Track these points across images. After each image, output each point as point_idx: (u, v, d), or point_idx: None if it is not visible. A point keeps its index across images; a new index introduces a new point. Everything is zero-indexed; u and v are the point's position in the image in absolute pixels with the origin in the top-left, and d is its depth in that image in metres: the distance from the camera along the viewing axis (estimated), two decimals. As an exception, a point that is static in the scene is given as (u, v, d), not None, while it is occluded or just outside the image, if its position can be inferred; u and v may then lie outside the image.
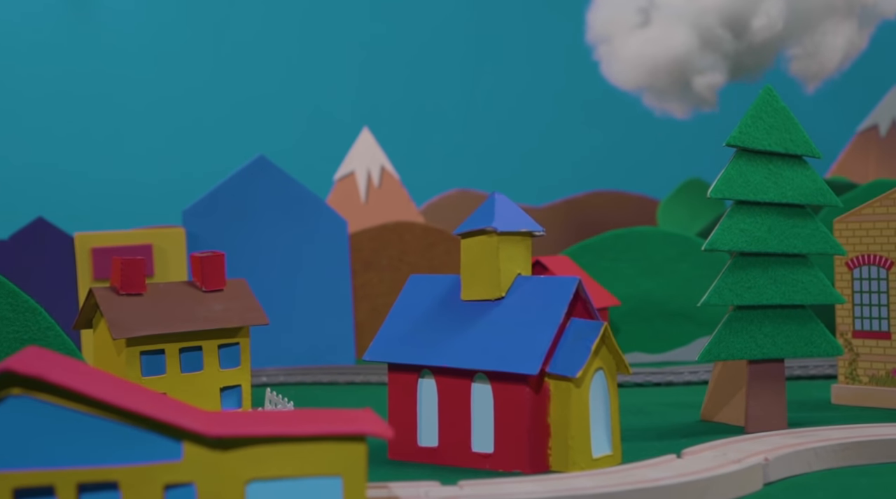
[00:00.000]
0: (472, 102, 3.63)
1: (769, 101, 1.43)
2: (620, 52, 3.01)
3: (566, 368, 1.16)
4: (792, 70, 3.04)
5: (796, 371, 1.92)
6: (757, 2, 2.90)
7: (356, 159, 3.06)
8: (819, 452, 1.14)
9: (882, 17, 3.10)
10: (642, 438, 1.37)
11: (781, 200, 1.40)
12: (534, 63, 3.66)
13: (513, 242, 1.25)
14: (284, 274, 2.28)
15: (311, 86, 3.52)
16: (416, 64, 3.63)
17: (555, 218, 3.42)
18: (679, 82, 3.00)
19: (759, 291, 1.39)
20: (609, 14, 3.04)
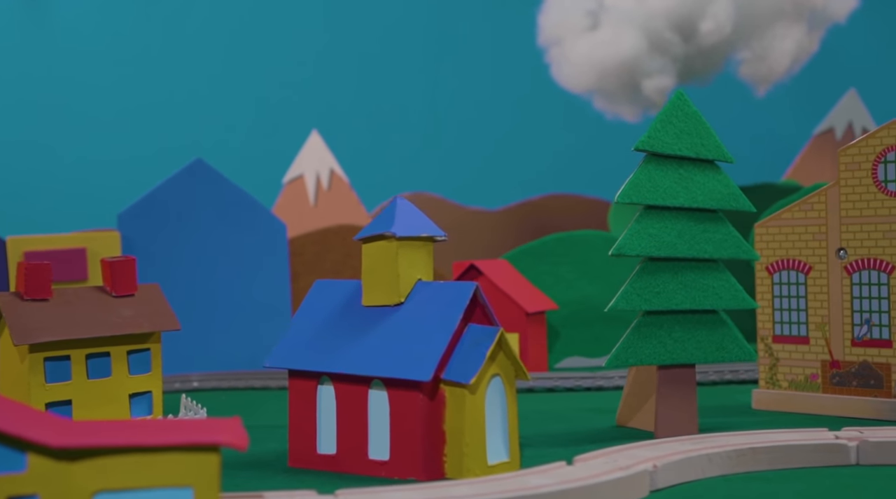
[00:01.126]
0: (425, 106, 3.62)
1: (680, 106, 1.42)
2: (570, 55, 3.01)
3: (461, 375, 1.15)
4: (741, 73, 3.05)
5: (727, 376, 1.92)
6: (705, 6, 2.90)
7: (305, 162, 3.05)
8: (713, 458, 1.14)
9: (832, 21, 3.10)
10: (553, 444, 1.36)
11: (692, 204, 1.40)
12: (488, 65, 3.65)
13: (413, 248, 1.24)
14: (222, 278, 2.27)
15: (260, 87, 3.49)
16: (368, 67, 3.61)
17: (510, 221, 3.42)
18: (628, 86, 2.99)
19: (668, 297, 1.38)
20: (559, 17, 3.04)
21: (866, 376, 1.52)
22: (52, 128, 3.42)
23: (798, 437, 1.20)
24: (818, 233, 1.57)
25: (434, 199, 3.41)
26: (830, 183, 1.56)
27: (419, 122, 3.62)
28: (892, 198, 1.48)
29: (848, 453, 1.18)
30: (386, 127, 3.58)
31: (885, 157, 1.49)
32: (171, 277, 2.22)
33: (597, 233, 2.43)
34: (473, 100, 3.64)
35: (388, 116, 3.58)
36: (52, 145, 3.41)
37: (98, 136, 3.38)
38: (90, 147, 3.37)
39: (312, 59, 3.56)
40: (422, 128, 3.62)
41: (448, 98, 3.64)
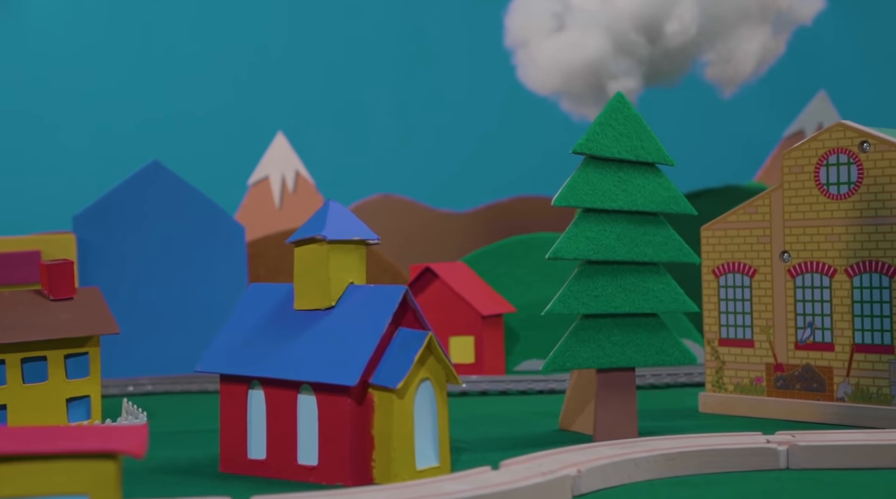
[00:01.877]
0: (393, 107, 3.62)
1: (620, 109, 1.42)
2: (536, 57, 3.01)
3: (388, 379, 1.15)
4: (707, 75, 3.05)
5: (681, 378, 1.92)
6: (670, 7, 2.90)
7: (270, 164, 3.04)
8: (640, 462, 1.13)
9: (798, 23, 3.11)
10: (493, 448, 1.35)
11: (631, 207, 1.39)
12: (456, 67, 3.65)
13: (345, 251, 1.23)
14: (179, 281, 2.26)
15: (225, 88, 3.48)
16: (334, 68, 3.60)
17: (479, 223, 3.41)
18: (595, 87, 2.99)
19: (607, 300, 1.38)
20: (525, 19, 3.03)
21: (809, 380, 1.51)
22: (7, 129, 3.39)
23: (729, 441, 1.20)
24: (762, 236, 1.56)
25: (403, 201, 3.40)
26: (774, 186, 1.56)
27: (387, 124, 3.61)
28: (834, 201, 1.48)
29: (777, 457, 1.18)
30: (353, 129, 3.57)
31: (827, 160, 1.49)
32: (127, 279, 2.21)
33: (557, 235, 2.42)
34: (442, 102, 3.63)
35: (354, 118, 3.58)
36: (7, 147, 3.38)
37: (54, 137, 3.36)
38: (46, 149, 3.35)
39: (278, 61, 3.55)
40: (390, 130, 3.61)
41: (416, 100, 3.63)
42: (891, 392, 1.43)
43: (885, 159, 1.43)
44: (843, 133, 1.48)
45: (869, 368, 1.45)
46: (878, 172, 1.44)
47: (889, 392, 1.43)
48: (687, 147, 3.67)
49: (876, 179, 1.44)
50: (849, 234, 1.47)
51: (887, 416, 1.42)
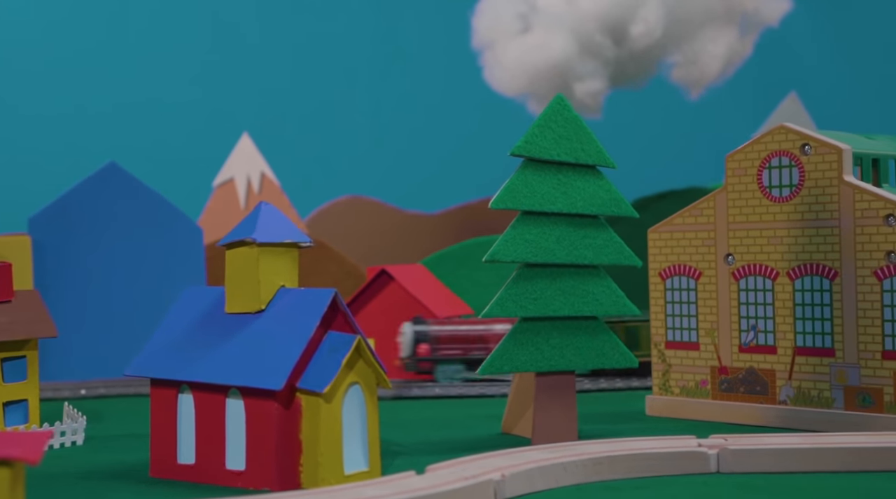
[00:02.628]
0: (360, 109, 3.61)
1: (559, 111, 1.41)
2: (502, 59, 3.00)
3: (315, 383, 1.14)
4: (674, 77, 3.05)
5: (634, 382, 1.92)
6: (635, 9, 2.90)
7: (235, 165, 3.02)
8: (568, 467, 1.13)
9: (765, 25, 3.11)
10: (430, 452, 1.34)
11: (571, 210, 1.39)
12: (424, 68, 3.64)
13: (275, 254, 1.22)
14: (136, 283, 2.24)
15: (190, 88, 3.46)
16: (300, 69, 3.59)
17: (449, 225, 3.41)
18: (561, 89, 2.99)
19: (545, 303, 1.37)
20: (491, 20, 3.03)
21: (752, 383, 1.51)
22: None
23: (659, 445, 1.19)
24: (707, 239, 1.56)
25: (372, 202, 3.39)
26: (718, 189, 1.55)
27: (355, 125, 3.60)
28: (777, 204, 1.48)
29: (708, 461, 1.17)
30: (321, 130, 3.56)
31: (770, 162, 1.49)
32: (83, 281, 2.19)
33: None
34: (411, 103, 3.63)
35: (322, 120, 3.57)
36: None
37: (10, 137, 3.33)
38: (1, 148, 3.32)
39: (245, 61, 3.53)
40: (358, 131, 3.60)
41: (384, 101, 3.62)
42: (831, 395, 1.43)
43: (825, 162, 1.43)
44: (785, 136, 1.47)
45: (810, 371, 1.45)
46: (819, 175, 1.44)
47: (830, 395, 1.43)
48: (655, 149, 3.67)
49: (817, 181, 1.44)
50: (790, 236, 1.47)
51: (828, 419, 1.42)
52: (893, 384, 1.37)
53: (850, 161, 1.42)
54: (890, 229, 1.37)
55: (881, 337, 1.38)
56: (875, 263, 1.38)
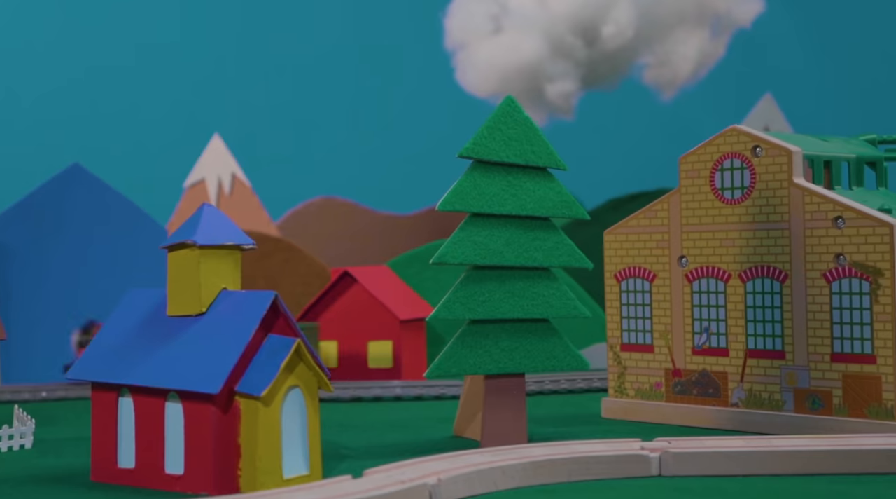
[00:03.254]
0: (334, 110, 3.60)
1: (509, 113, 1.40)
2: (474, 60, 3.00)
3: (253, 387, 1.13)
4: (646, 78, 3.05)
5: (595, 383, 1.91)
6: (606, 10, 2.90)
7: (206, 166, 3.01)
8: (508, 470, 1.12)
9: (737, 26, 3.11)
10: (378, 455, 1.33)
11: (521, 212, 1.38)
12: (399, 69, 3.63)
13: (217, 256, 1.21)
14: (101, 284, 2.23)
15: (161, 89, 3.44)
16: (273, 70, 3.58)
17: (422, 226, 3.40)
18: (532, 90, 2.99)
19: (494, 305, 1.37)
20: (463, 21, 3.03)
21: (705, 385, 1.51)
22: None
23: (601, 448, 1.19)
24: (661, 240, 1.56)
25: (345, 203, 3.39)
26: (673, 191, 1.55)
27: (328, 126, 3.59)
28: (729, 206, 1.48)
29: (649, 464, 1.17)
30: (294, 132, 3.55)
31: (722, 164, 1.49)
32: (47, 283, 2.18)
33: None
34: (384, 104, 3.62)
35: (295, 121, 3.56)
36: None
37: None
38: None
39: (216, 62, 3.52)
40: (331, 133, 3.59)
41: (357, 102, 3.61)
42: (782, 398, 1.42)
43: (775, 164, 1.43)
44: (737, 137, 1.47)
45: (762, 373, 1.45)
46: (770, 177, 1.43)
47: (780, 398, 1.43)
48: (628, 150, 3.67)
49: (768, 183, 1.43)
50: (742, 238, 1.46)
51: (779, 421, 1.42)
52: (842, 387, 1.36)
53: (800, 163, 1.42)
54: (838, 232, 1.36)
55: (830, 339, 1.37)
56: (824, 265, 1.38)
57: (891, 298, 1.32)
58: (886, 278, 1.32)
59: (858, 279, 1.34)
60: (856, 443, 1.17)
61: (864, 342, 1.34)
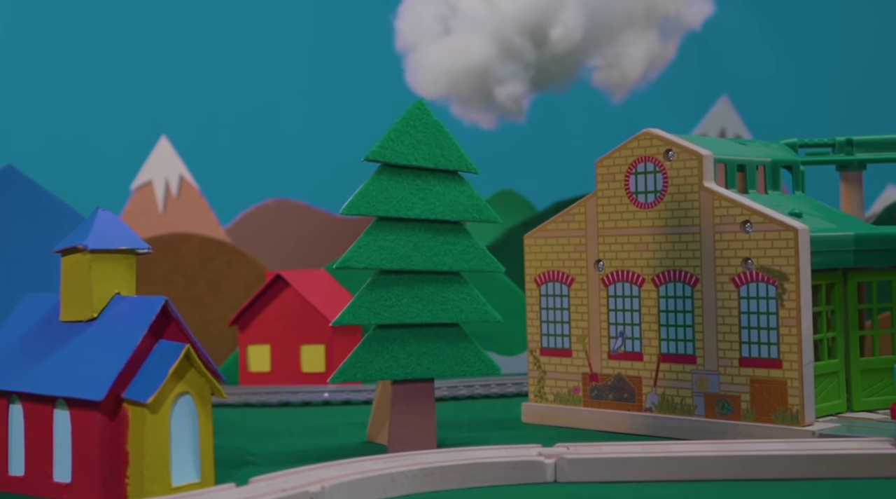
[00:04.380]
0: (288, 112, 3.58)
1: (419, 116, 1.39)
2: (423, 62, 2.99)
3: (140, 394, 1.11)
4: (595, 81, 3.04)
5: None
6: (555, 12, 2.89)
7: (153, 168, 2.99)
8: (397, 477, 1.11)
9: (687, 28, 3.11)
10: (283, 461, 1.32)
11: (430, 215, 1.37)
12: (351, 71, 3.62)
13: (110, 261, 1.20)
14: (36, 289, 2.20)
15: (107, 90, 3.41)
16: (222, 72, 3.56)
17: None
18: (482, 92, 2.98)
19: (402, 310, 1.35)
20: (413, 22, 3.01)
21: (621, 390, 1.50)
22: None
23: (497, 454, 1.18)
24: (579, 244, 1.55)
25: (298, 205, 3.37)
26: (590, 194, 1.54)
27: (280, 128, 3.57)
28: (643, 210, 1.47)
29: (545, 471, 1.16)
30: (245, 134, 3.53)
31: (636, 168, 1.48)
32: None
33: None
34: (337, 106, 3.60)
35: (246, 123, 3.54)
36: None
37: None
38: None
39: (163, 63, 3.50)
40: (283, 134, 3.57)
41: (309, 104, 3.60)
42: (693, 403, 1.42)
43: (686, 168, 1.42)
44: (650, 141, 1.46)
45: (674, 378, 1.44)
46: (681, 181, 1.43)
47: (692, 403, 1.42)
48: (580, 153, 3.66)
49: (679, 187, 1.43)
50: (655, 243, 1.46)
51: (690, 426, 1.41)
52: (750, 392, 1.36)
53: (710, 167, 1.41)
54: (746, 236, 1.36)
55: (738, 344, 1.37)
56: (733, 269, 1.37)
57: (796, 302, 1.31)
58: (792, 283, 1.31)
59: (765, 283, 1.34)
60: (748, 449, 1.17)
61: (771, 347, 1.34)
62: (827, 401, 1.39)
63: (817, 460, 1.15)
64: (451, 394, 1.88)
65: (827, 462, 1.15)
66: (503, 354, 2.23)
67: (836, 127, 3.66)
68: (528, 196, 3.24)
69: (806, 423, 1.31)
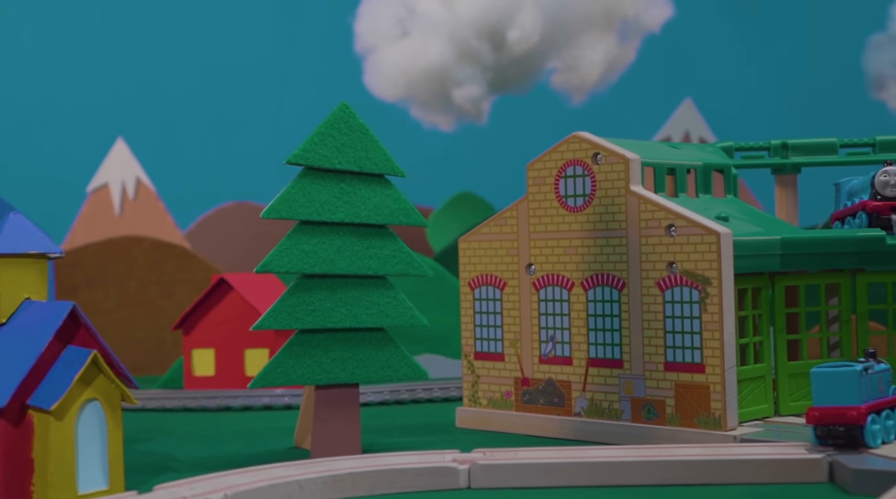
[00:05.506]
0: (246, 114, 3.57)
1: (344, 119, 1.38)
2: (382, 64, 2.98)
3: (45, 400, 1.10)
4: (553, 83, 3.04)
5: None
6: (512, 14, 2.89)
7: (110, 171, 2.97)
8: (305, 484, 1.10)
9: (647, 31, 3.11)
10: (198, 468, 1.30)
11: (354, 219, 1.36)
12: (310, 73, 3.61)
13: (21, 265, 1.18)
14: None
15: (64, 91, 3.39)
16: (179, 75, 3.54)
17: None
18: (440, 94, 2.97)
19: (325, 315, 1.34)
20: (371, 25, 3.01)
21: (551, 394, 1.49)
22: None
23: (410, 460, 1.17)
24: (511, 248, 1.54)
25: (258, 208, 3.34)
26: (521, 198, 1.53)
27: (238, 131, 3.55)
28: (572, 213, 1.46)
29: (457, 477, 1.15)
30: (206, 137, 3.51)
31: (566, 172, 1.47)
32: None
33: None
34: (296, 108, 3.59)
35: (207, 127, 3.52)
36: None
37: None
38: None
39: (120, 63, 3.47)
40: (242, 137, 3.55)
41: (268, 106, 3.58)
42: (620, 407, 1.41)
43: (614, 172, 1.41)
44: (579, 145, 1.46)
45: (602, 382, 1.43)
46: (609, 185, 1.42)
47: (619, 407, 1.41)
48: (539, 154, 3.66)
49: (607, 191, 1.42)
50: (584, 246, 1.45)
51: (618, 431, 1.40)
52: (674, 396, 1.35)
53: (637, 171, 1.40)
54: (671, 240, 1.35)
55: (663, 348, 1.36)
56: (658, 273, 1.36)
57: (718, 306, 1.31)
58: (714, 287, 1.31)
59: (689, 288, 1.33)
60: (664, 454, 1.16)
61: (694, 351, 1.33)
62: (754, 405, 1.38)
63: (732, 466, 1.14)
64: (393, 398, 1.88)
65: (741, 467, 1.14)
66: (453, 358, 2.22)
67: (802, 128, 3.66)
68: (487, 198, 3.23)
69: (728, 427, 1.30)
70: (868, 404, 1.15)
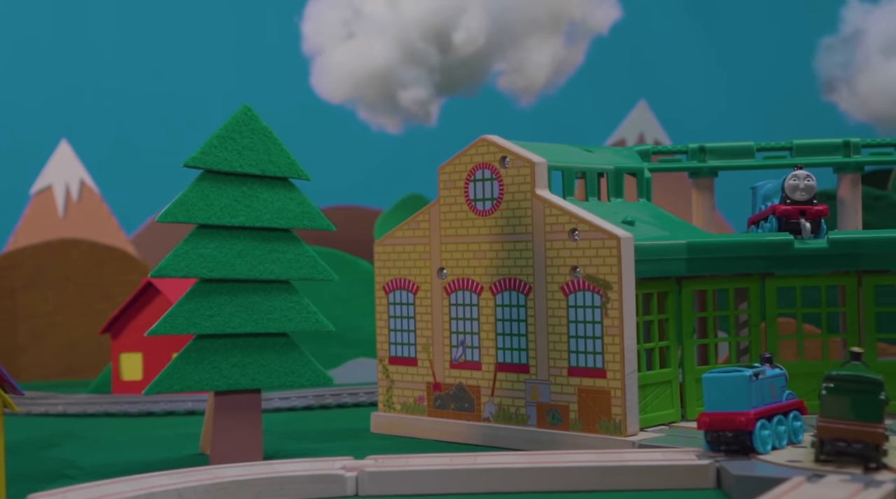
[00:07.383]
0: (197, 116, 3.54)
1: (245, 121, 1.37)
2: (328, 65, 2.96)
3: (-79, 408, 1.08)
4: (501, 85, 3.03)
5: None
6: (458, 16, 2.87)
7: (53, 173, 2.95)
8: (185, 493, 1.08)
9: (595, 33, 3.10)
10: (101, 474, 1.28)
11: (255, 223, 1.34)
12: (258, 75, 3.59)
13: None
14: None
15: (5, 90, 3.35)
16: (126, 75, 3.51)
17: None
18: (386, 96, 2.96)
19: (224, 320, 1.33)
20: (317, 26, 2.99)
21: (462, 399, 1.48)
22: None
23: (299, 467, 1.15)
24: (424, 252, 1.53)
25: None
26: (433, 201, 1.52)
27: (187, 133, 3.53)
28: (481, 217, 1.45)
29: (345, 484, 1.14)
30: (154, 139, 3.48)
31: (475, 175, 1.46)
32: None
33: (319, 249, 2.37)
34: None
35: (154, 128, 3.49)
36: None
37: None
38: None
39: (64, 62, 3.44)
40: (190, 139, 3.53)
41: (216, 108, 3.56)
42: (526, 412, 1.40)
43: (520, 175, 1.40)
44: (487, 148, 1.45)
45: (510, 387, 1.42)
46: (515, 189, 1.41)
47: (525, 412, 1.40)
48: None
49: (514, 195, 1.41)
50: (492, 251, 1.44)
51: (524, 436, 1.39)
52: (578, 401, 1.34)
53: (544, 174, 1.39)
54: (574, 244, 1.34)
55: (567, 353, 1.35)
56: (562, 278, 1.36)
57: (619, 311, 1.30)
58: (615, 292, 1.30)
59: (591, 292, 1.32)
60: (554, 460, 1.15)
61: (596, 356, 1.32)
62: (659, 410, 1.37)
63: (622, 472, 1.13)
64: (318, 402, 1.86)
65: (631, 473, 1.13)
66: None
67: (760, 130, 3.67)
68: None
69: (629, 433, 1.30)
70: (758, 409, 1.14)
